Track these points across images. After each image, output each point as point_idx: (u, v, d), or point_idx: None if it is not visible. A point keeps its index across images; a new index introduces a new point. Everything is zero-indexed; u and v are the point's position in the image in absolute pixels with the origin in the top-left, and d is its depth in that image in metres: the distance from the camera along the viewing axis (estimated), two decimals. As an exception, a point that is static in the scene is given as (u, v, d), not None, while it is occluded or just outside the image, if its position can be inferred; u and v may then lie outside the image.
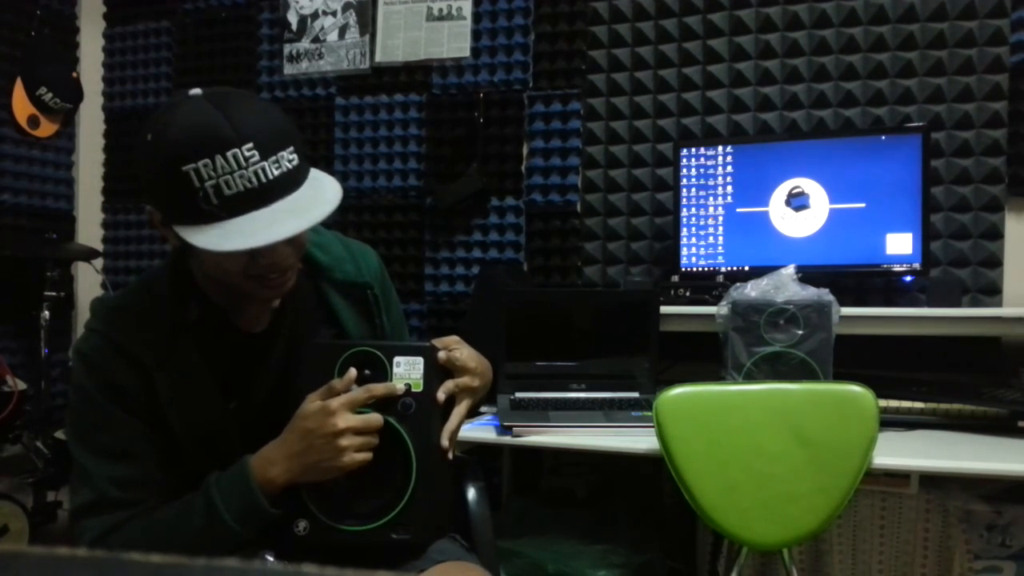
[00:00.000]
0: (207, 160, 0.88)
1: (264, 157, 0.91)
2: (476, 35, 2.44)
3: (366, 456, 1.00)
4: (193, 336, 1.05)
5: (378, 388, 1.02)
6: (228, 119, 0.90)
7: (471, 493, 1.29)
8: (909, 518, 1.56)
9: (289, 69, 2.66)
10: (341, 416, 0.98)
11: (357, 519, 1.03)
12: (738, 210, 2.00)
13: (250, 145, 0.90)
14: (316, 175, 0.99)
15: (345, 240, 1.24)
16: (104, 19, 2.96)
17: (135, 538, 0.98)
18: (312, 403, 1.00)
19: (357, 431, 0.99)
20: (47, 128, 2.80)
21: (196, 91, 0.95)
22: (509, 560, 1.65)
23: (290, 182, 0.93)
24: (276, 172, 0.92)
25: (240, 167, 0.89)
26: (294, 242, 0.98)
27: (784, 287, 1.56)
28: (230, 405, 1.07)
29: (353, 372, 1.03)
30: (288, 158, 0.93)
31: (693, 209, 2.04)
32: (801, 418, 1.32)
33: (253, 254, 0.95)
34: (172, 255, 1.09)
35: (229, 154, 0.89)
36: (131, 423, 1.01)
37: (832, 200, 1.92)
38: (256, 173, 0.90)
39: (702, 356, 1.79)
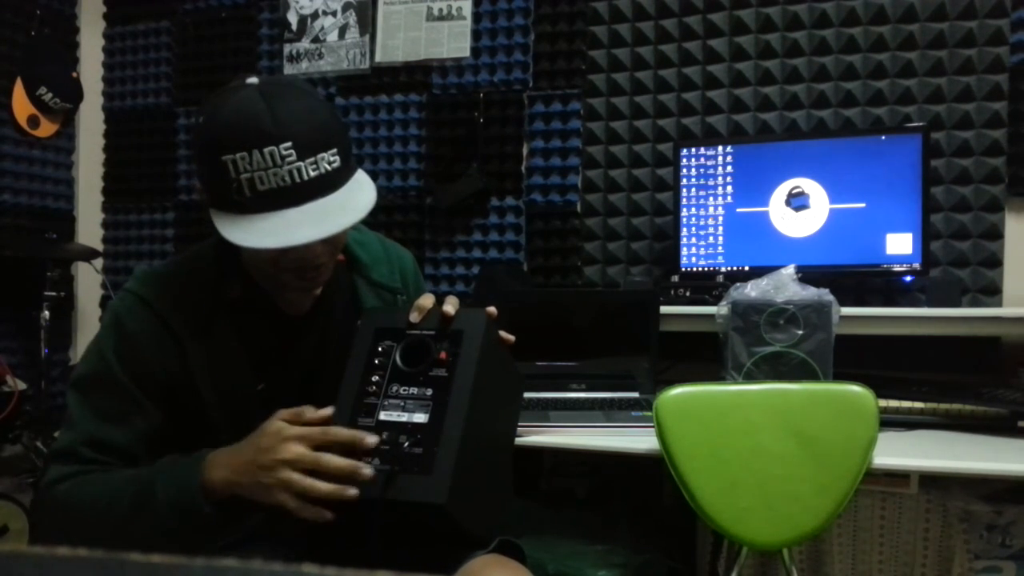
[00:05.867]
0: (244, 153, 0.89)
1: (301, 157, 0.90)
2: (476, 35, 2.44)
3: (297, 504, 0.87)
4: (232, 313, 1.04)
5: (341, 433, 0.91)
6: (272, 115, 0.90)
7: None
8: (909, 518, 1.56)
9: (289, 69, 2.66)
10: (292, 447, 0.88)
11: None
12: (738, 210, 2.00)
13: (288, 144, 0.89)
14: (359, 178, 0.99)
15: (384, 241, 1.26)
16: (104, 19, 2.96)
17: (79, 492, 0.94)
18: (275, 421, 0.92)
19: (302, 467, 0.87)
20: (47, 128, 2.80)
21: (253, 79, 0.96)
22: (509, 560, 1.65)
23: (326, 184, 0.92)
24: (312, 173, 0.91)
25: (275, 164, 0.89)
26: (328, 239, 0.95)
27: (784, 287, 1.56)
28: (259, 386, 1.05)
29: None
30: (328, 160, 0.93)
31: (693, 209, 2.04)
32: (801, 418, 1.32)
33: (282, 250, 0.93)
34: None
35: (266, 150, 0.89)
36: (135, 395, 0.99)
37: (832, 200, 1.92)
38: (291, 172, 0.90)
39: (702, 356, 1.79)
